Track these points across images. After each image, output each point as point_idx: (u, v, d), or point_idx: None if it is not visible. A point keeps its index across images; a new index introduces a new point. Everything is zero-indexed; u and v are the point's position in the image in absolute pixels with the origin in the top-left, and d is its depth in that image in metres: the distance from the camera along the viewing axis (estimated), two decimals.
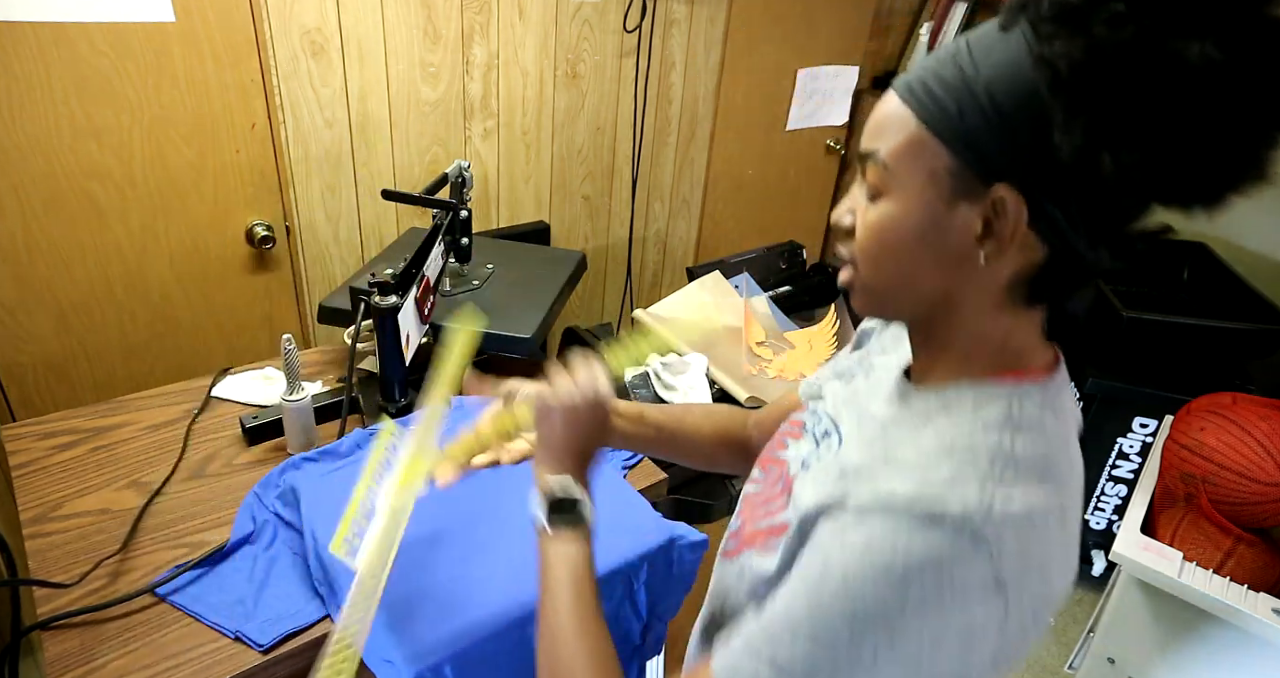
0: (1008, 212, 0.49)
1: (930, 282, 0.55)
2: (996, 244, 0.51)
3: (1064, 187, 0.47)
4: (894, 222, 0.54)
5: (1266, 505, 1.52)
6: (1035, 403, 0.54)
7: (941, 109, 0.50)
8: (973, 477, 0.49)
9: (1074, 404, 0.60)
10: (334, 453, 1.18)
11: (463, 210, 1.36)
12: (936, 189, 0.52)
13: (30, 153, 1.41)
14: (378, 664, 0.88)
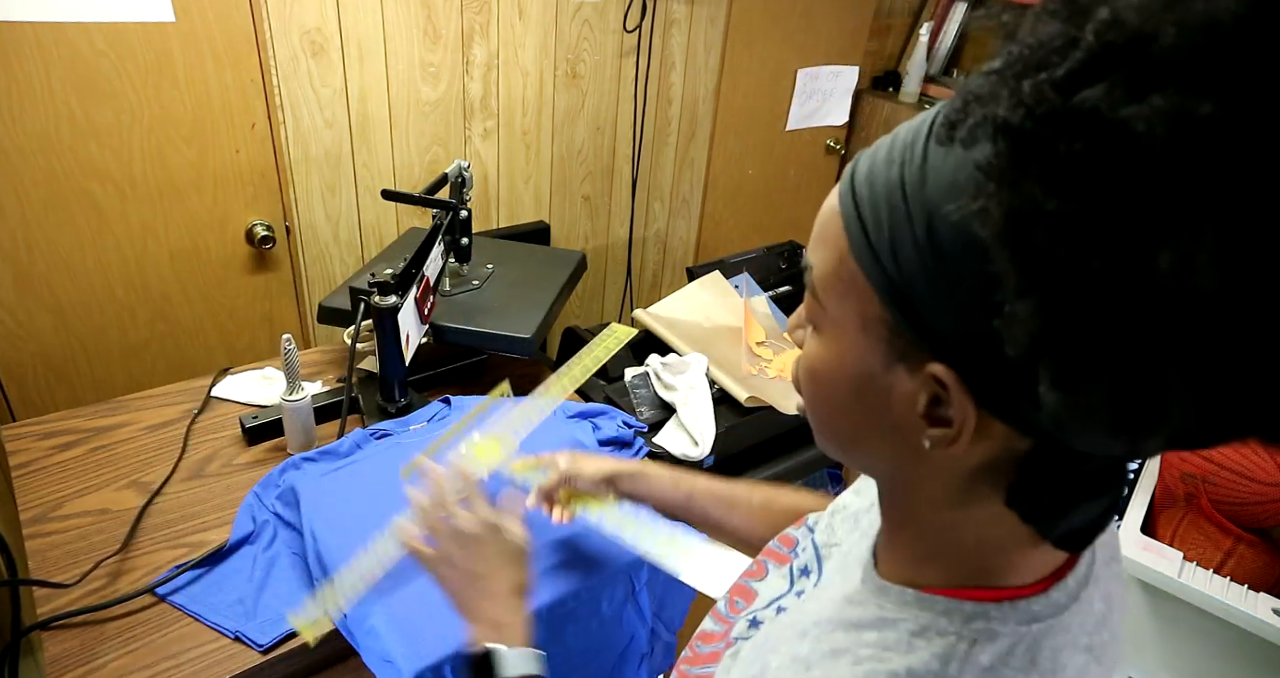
0: (951, 396, 0.35)
1: (877, 450, 0.43)
2: (944, 433, 0.37)
3: (1015, 362, 0.32)
4: (827, 369, 0.42)
5: (1266, 506, 1.52)
6: (981, 644, 0.39)
7: (869, 235, 0.36)
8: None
9: (1104, 609, 0.44)
10: (334, 453, 1.18)
11: (463, 210, 1.36)
12: (870, 342, 0.38)
13: (30, 153, 1.41)
14: (378, 664, 0.88)
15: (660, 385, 1.44)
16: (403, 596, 0.94)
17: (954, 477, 0.40)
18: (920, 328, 0.35)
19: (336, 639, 0.94)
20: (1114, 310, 0.28)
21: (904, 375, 0.37)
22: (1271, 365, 0.28)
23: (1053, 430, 0.34)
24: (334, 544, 1.00)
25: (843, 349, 0.40)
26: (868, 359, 0.39)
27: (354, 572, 0.89)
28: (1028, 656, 0.39)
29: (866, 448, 0.43)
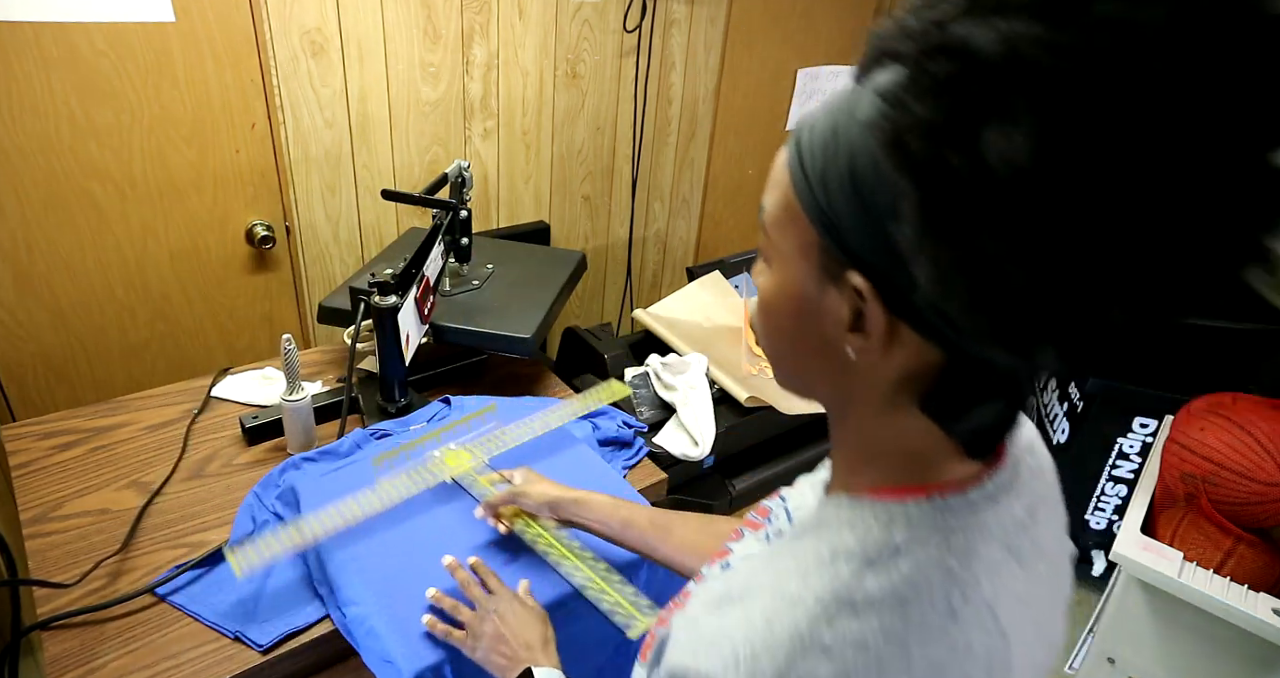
0: (865, 305, 0.41)
1: (819, 374, 0.49)
2: (865, 340, 0.42)
3: (924, 275, 0.37)
4: (775, 296, 0.48)
5: (1266, 505, 1.52)
6: (916, 528, 0.45)
7: (806, 172, 0.42)
8: (770, 647, 0.41)
9: (1025, 515, 0.49)
10: (334, 453, 1.18)
11: (463, 210, 1.36)
12: (807, 263, 0.44)
13: (30, 153, 1.41)
14: (378, 665, 0.88)
15: (660, 385, 1.44)
16: (403, 597, 0.94)
17: (880, 387, 0.46)
18: (843, 247, 0.41)
19: (337, 639, 0.94)
20: (968, 201, 0.34)
21: (834, 294, 0.43)
22: (1093, 246, 0.33)
23: (942, 327, 0.40)
24: (333, 545, 1.00)
25: (786, 277, 0.46)
26: (805, 282, 0.45)
27: (309, 526, 0.97)
28: (942, 540, 0.44)
29: (810, 369, 0.49)
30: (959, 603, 0.44)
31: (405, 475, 1.08)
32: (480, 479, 1.11)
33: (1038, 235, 0.33)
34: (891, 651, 0.41)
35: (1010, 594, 0.47)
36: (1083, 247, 0.33)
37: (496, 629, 0.86)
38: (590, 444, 1.27)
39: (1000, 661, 0.45)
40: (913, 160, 0.36)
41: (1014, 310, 0.36)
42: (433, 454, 1.14)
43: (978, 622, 0.44)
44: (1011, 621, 0.46)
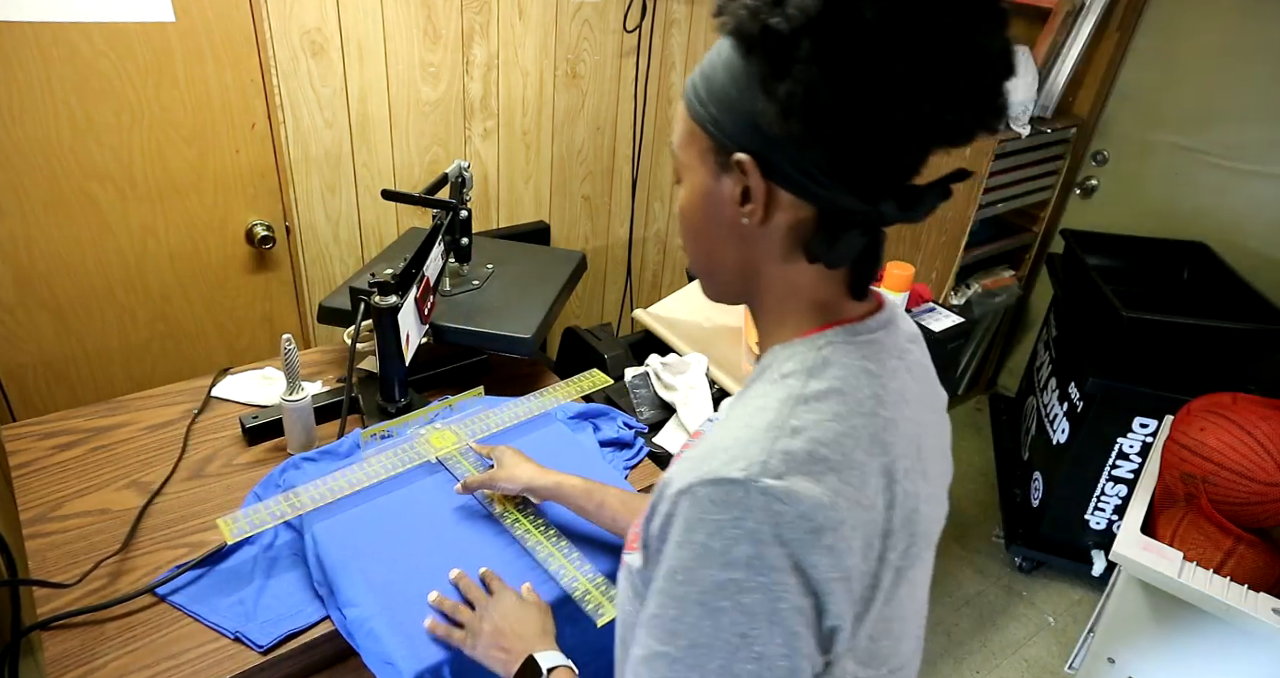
0: (748, 174, 0.55)
1: (728, 252, 0.61)
2: (754, 206, 0.56)
3: (777, 143, 0.53)
4: (687, 202, 0.62)
5: (1266, 505, 1.52)
6: (836, 346, 0.58)
7: (699, 97, 0.57)
8: (755, 438, 0.53)
9: (906, 343, 0.64)
10: (334, 453, 1.18)
11: (463, 210, 1.36)
12: (707, 167, 0.58)
13: (30, 153, 1.41)
14: (378, 666, 0.88)
15: (660, 385, 1.44)
16: (403, 598, 0.94)
17: (775, 245, 0.59)
18: (728, 138, 0.55)
19: (337, 639, 0.94)
20: (785, 53, 0.49)
21: (727, 181, 0.57)
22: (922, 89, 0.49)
23: (804, 181, 0.54)
24: (333, 546, 1.00)
25: (693, 182, 0.60)
26: (706, 179, 0.59)
27: (299, 498, 1.03)
28: (857, 351, 0.59)
29: (723, 254, 0.62)
30: (880, 392, 0.57)
31: (392, 452, 1.14)
32: (464, 461, 1.15)
33: (840, 66, 0.48)
34: (842, 426, 0.54)
35: (913, 394, 0.61)
36: (864, 69, 0.48)
37: (495, 626, 0.87)
38: (589, 442, 1.27)
39: (917, 440, 0.60)
40: (749, 41, 0.51)
41: (840, 141, 0.51)
42: (419, 432, 1.19)
43: (895, 405, 0.58)
44: (917, 414, 0.61)
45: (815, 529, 0.50)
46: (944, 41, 0.48)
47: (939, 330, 1.74)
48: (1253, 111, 2.20)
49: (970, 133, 0.53)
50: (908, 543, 0.57)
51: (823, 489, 0.51)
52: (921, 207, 0.56)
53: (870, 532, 0.54)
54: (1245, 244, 2.27)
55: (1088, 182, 2.60)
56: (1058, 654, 2.07)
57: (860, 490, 0.53)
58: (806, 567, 0.50)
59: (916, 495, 0.58)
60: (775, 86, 0.50)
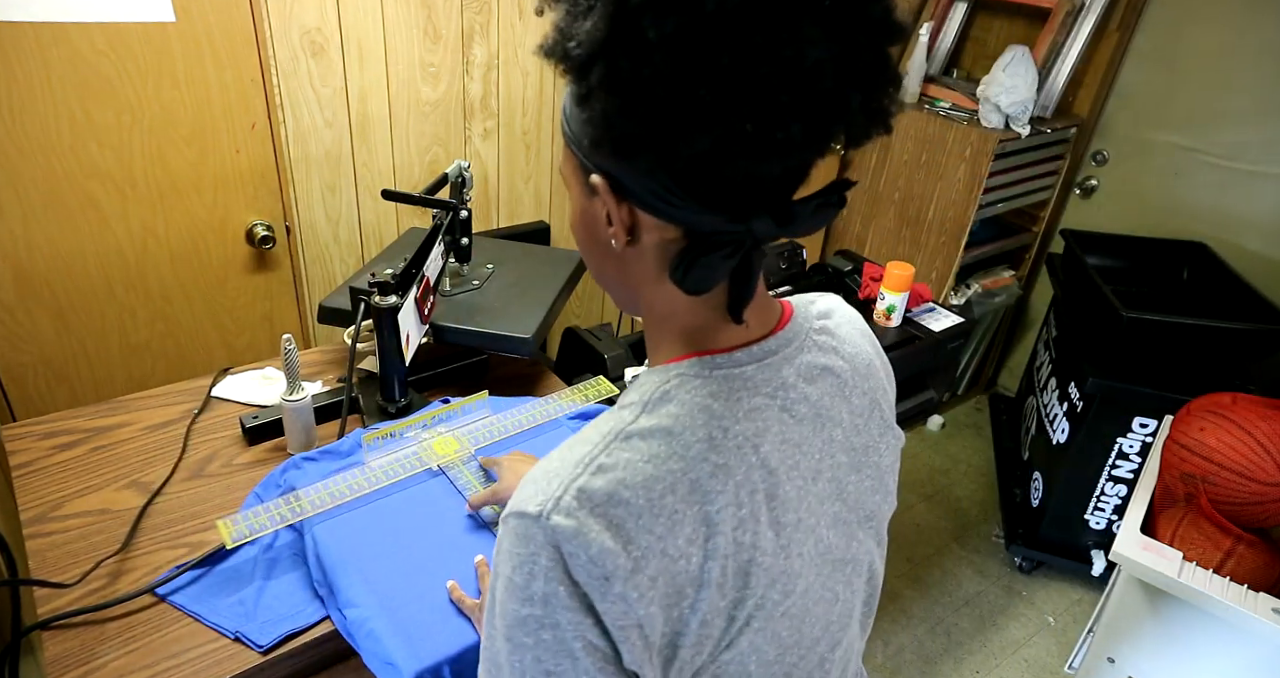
0: (604, 197, 0.53)
1: (610, 272, 0.60)
2: (615, 228, 0.54)
3: (623, 165, 0.51)
4: (572, 216, 0.60)
5: (1266, 505, 1.52)
6: (684, 379, 0.55)
7: (565, 115, 0.55)
8: (560, 471, 0.52)
9: (796, 378, 0.59)
10: (334, 453, 1.18)
11: (463, 210, 1.36)
12: (579, 186, 0.56)
13: (30, 153, 1.41)
14: (379, 667, 0.88)
15: None
16: (403, 599, 0.94)
17: (647, 267, 0.56)
18: (585, 157, 0.53)
19: (337, 639, 0.94)
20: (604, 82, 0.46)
21: (596, 202, 0.54)
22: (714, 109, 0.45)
23: (652, 201, 0.51)
24: (333, 546, 1.00)
25: (573, 199, 0.58)
26: (581, 198, 0.57)
27: (300, 503, 1.03)
28: (704, 387, 0.55)
29: (608, 270, 0.60)
30: (718, 434, 0.54)
31: (394, 459, 1.14)
32: (465, 470, 1.15)
33: (631, 91, 0.46)
34: (656, 469, 0.51)
35: (777, 437, 0.56)
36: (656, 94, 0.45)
37: None
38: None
39: (765, 488, 0.55)
40: (557, 65, 0.49)
41: (664, 165, 0.48)
42: (423, 437, 1.18)
43: (736, 450, 0.54)
44: (781, 459, 0.56)
45: (605, 577, 0.49)
46: (743, 58, 0.44)
47: (939, 330, 1.74)
48: (1253, 111, 2.20)
49: (828, 142, 0.49)
50: (738, 596, 0.53)
51: (613, 536, 0.49)
52: (802, 220, 0.52)
53: (680, 582, 0.51)
54: (1245, 244, 2.27)
55: (1088, 182, 2.60)
56: (1058, 654, 2.07)
57: (665, 540, 0.50)
58: (600, 612, 0.49)
59: (755, 547, 0.53)
60: (584, 112, 0.49)
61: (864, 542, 0.64)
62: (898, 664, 2.00)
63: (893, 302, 1.73)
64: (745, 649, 0.54)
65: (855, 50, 0.46)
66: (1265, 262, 2.24)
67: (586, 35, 0.46)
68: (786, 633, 0.57)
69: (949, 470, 2.71)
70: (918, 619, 2.13)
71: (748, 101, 0.45)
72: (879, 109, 0.49)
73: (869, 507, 0.64)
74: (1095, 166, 2.58)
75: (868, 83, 0.47)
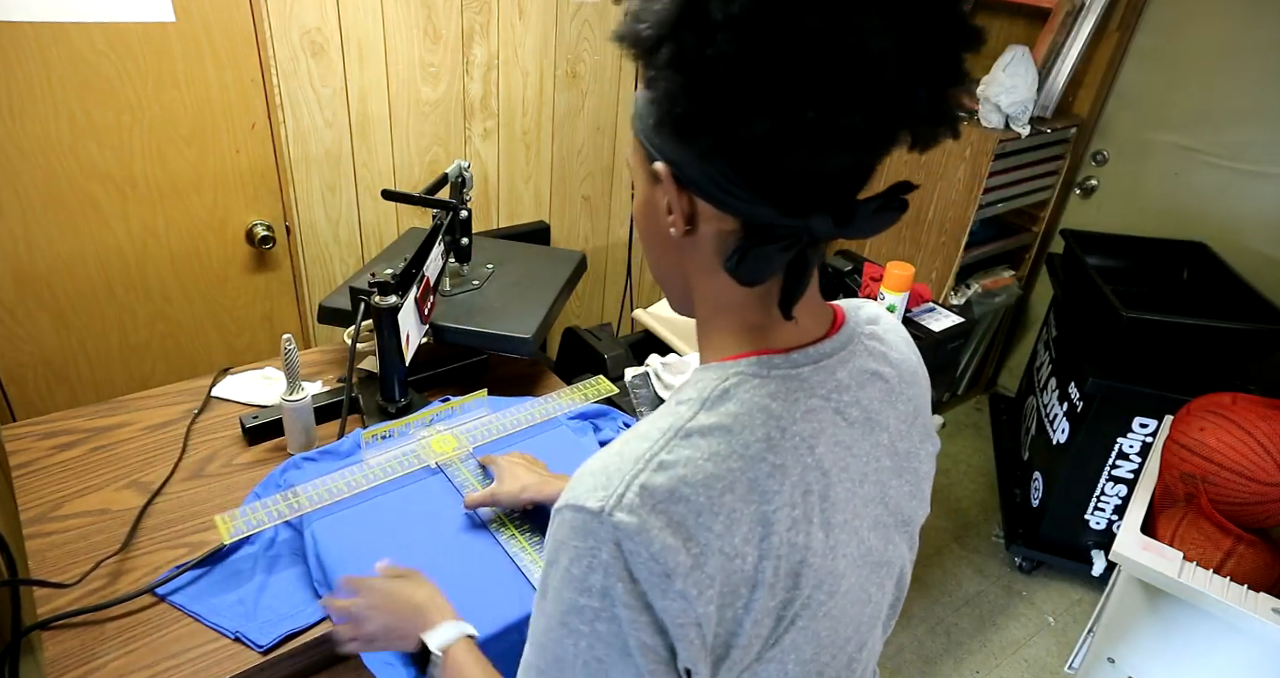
0: (667, 186, 0.54)
1: (668, 262, 0.61)
2: (675, 216, 0.55)
3: (687, 153, 0.52)
4: (635, 210, 0.62)
5: (1266, 505, 1.52)
6: (744, 378, 0.55)
7: (635, 107, 0.57)
8: (621, 467, 0.52)
9: (850, 381, 0.59)
10: (334, 453, 1.18)
11: (463, 210, 1.36)
12: (644, 175, 0.58)
13: (30, 153, 1.41)
14: (379, 667, 0.88)
15: (660, 385, 1.44)
16: None
17: (704, 257, 0.57)
18: (651, 147, 0.54)
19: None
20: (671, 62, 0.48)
21: (659, 192, 0.56)
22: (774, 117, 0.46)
23: (716, 193, 0.51)
24: (333, 548, 1.00)
25: (639, 190, 0.60)
26: (644, 187, 0.59)
27: (298, 499, 1.03)
28: (764, 387, 0.55)
29: (665, 261, 0.61)
30: (776, 435, 0.54)
31: (392, 457, 1.14)
32: (463, 468, 1.15)
33: (696, 72, 0.46)
34: (716, 467, 0.51)
35: (831, 439, 0.57)
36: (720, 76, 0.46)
37: (384, 623, 0.84)
38: (590, 443, 1.27)
39: (819, 489, 0.55)
40: (627, 48, 0.51)
41: (724, 152, 0.49)
42: (421, 435, 1.19)
43: (793, 451, 0.54)
44: (834, 461, 0.57)
45: (666, 574, 0.49)
46: (806, 43, 0.44)
47: (939, 330, 1.74)
48: (1253, 112, 2.20)
49: (892, 139, 0.49)
50: (788, 597, 0.54)
51: (674, 533, 0.50)
52: (860, 221, 0.52)
53: (736, 580, 0.51)
54: (1245, 244, 2.27)
55: (1088, 182, 2.60)
56: (1058, 654, 2.07)
57: (724, 538, 0.51)
58: (657, 609, 0.50)
59: (806, 548, 0.54)
60: (651, 94, 0.51)
61: (898, 546, 0.64)
62: (898, 664, 2.00)
63: (893, 302, 1.73)
64: (787, 648, 0.55)
65: (922, 46, 0.46)
66: (1265, 262, 2.24)
67: (656, 16, 0.48)
68: (825, 633, 0.57)
69: (949, 470, 2.71)
70: (918, 619, 2.13)
71: (809, 87, 0.45)
72: (946, 110, 0.49)
73: (906, 511, 0.65)
74: (1095, 166, 2.58)
75: (934, 80, 0.47)
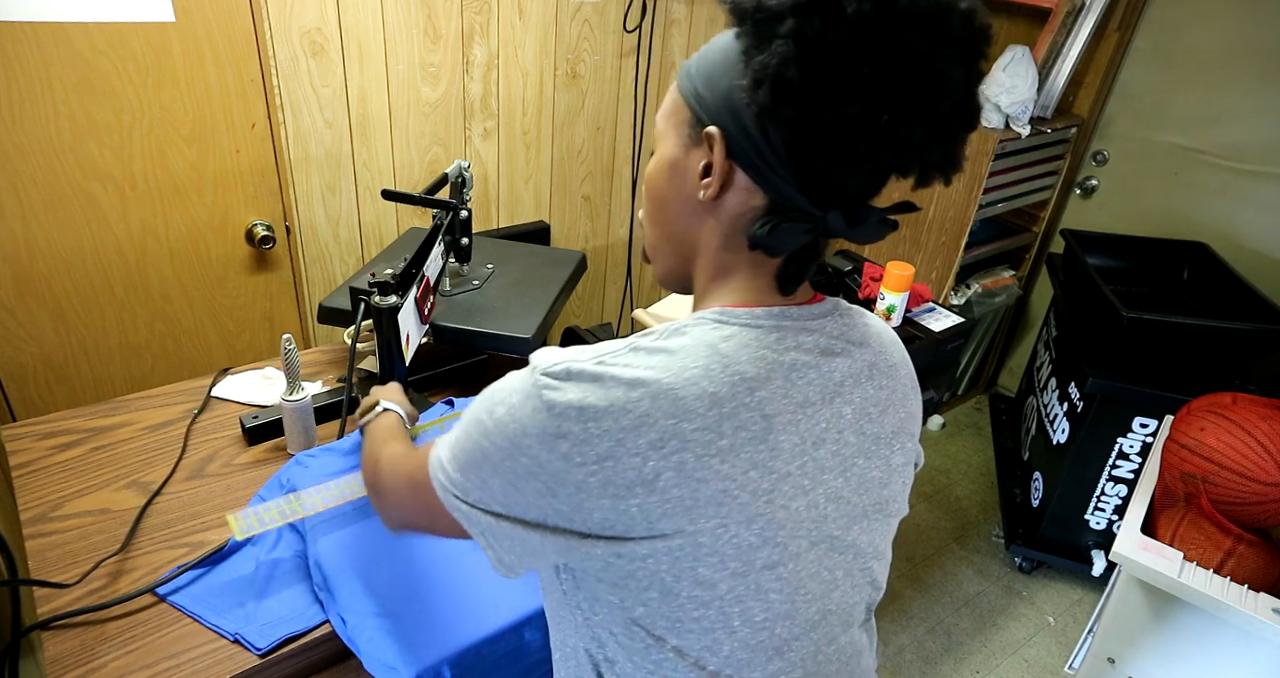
0: (713, 147, 0.59)
1: (677, 224, 0.65)
2: (711, 179, 0.60)
3: (745, 124, 0.57)
4: (654, 168, 0.66)
5: (1267, 505, 1.52)
6: (708, 320, 0.60)
7: (687, 73, 0.62)
8: (569, 353, 0.59)
9: (798, 346, 0.62)
10: (335, 451, 1.18)
11: (463, 210, 1.36)
12: (680, 137, 0.63)
13: (30, 153, 1.41)
14: (380, 670, 0.88)
15: None
16: (403, 602, 0.94)
17: (720, 228, 0.62)
18: (705, 111, 0.60)
19: (336, 640, 0.94)
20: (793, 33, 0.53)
21: (695, 154, 0.62)
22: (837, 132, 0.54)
23: (762, 168, 0.58)
24: (333, 550, 1.00)
25: (664, 150, 0.65)
26: (676, 150, 0.64)
27: (310, 498, 1.03)
28: (715, 329, 0.59)
29: (678, 224, 0.65)
30: (715, 368, 0.57)
31: None
32: None
33: (813, 48, 0.52)
34: (646, 375, 0.55)
35: (779, 389, 0.59)
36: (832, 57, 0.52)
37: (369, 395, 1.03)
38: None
39: (755, 430, 0.58)
40: (742, 14, 0.56)
41: (799, 125, 0.54)
42: (432, 442, 1.16)
43: (730, 385, 0.57)
44: (778, 409, 0.59)
45: (557, 434, 0.55)
46: (905, 55, 0.52)
47: (939, 330, 1.74)
48: (1253, 111, 2.20)
49: (906, 169, 0.58)
50: (706, 520, 0.56)
51: (579, 406, 0.55)
52: (867, 226, 0.60)
53: (630, 477, 0.54)
54: (1245, 244, 2.27)
55: (1088, 182, 2.60)
56: (1058, 654, 2.07)
57: (628, 433, 0.54)
58: (542, 461, 0.55)
59: (727, 478, 0.56)
60: (754, 57, 0.54)
61: (869, 533, 0.66)
62: (898, 664, 2.00)
63: (893, 302, 1.73)
64: (727, 598, 0.57)
65: (970, 94, 0.55)
66: (1265, 261, 2.24)
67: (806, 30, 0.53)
68: (777, 598, 0.59)
69: (949, 470, 2.71)
70: (918, 619, 2.13)
71: (896, 93, 0.53)
72: (957, 152, 0.57)
73: (878, 497, 0.67)
74: (1095, 166, 2.58)
75: (967, 122, 0.56)
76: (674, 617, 0.58)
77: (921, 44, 0.52)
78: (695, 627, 0.58)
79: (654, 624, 0.58)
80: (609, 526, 0.55)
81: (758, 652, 0.60)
